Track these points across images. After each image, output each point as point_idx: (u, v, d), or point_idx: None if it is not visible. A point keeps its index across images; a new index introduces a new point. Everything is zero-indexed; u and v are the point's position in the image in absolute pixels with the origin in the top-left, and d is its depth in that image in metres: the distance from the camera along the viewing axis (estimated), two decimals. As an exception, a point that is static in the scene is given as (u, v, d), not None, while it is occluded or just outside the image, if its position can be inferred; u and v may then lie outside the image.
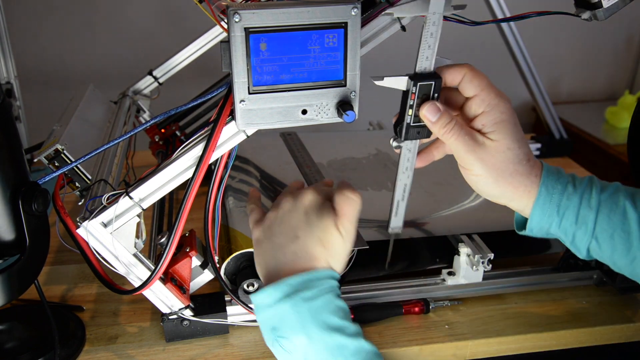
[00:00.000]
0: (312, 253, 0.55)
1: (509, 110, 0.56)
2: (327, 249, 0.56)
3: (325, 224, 0.56)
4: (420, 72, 0.55)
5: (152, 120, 0.59)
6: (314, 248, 0.56)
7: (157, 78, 0.94)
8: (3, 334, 0.66)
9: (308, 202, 0.58)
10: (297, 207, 0.58)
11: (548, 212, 0.56)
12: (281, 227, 0.58)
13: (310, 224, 0.56)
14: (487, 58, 1.71)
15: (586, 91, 1.95)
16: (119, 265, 0.60)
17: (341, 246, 0.56)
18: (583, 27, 1.78)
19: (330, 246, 0.56)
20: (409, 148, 0.60)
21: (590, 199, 0.55)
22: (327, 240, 0.56)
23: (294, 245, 0.56)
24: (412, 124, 0.57)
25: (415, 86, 0.54)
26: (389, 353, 0.66)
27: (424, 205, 0.81)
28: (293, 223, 0.57)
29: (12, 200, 0.53)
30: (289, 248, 0.56)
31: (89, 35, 1.58)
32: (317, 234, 0.56)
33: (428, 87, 0.55)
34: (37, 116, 1.19)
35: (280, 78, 0.51)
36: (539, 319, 0.71)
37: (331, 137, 1.04)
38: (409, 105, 0.56)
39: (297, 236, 0.56)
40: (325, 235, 0.56)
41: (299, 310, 0.52)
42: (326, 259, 0.56)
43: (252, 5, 0.49)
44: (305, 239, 0.56)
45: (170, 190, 0.58)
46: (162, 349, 0.66)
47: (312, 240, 0.56)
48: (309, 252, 0.55)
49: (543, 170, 0.57)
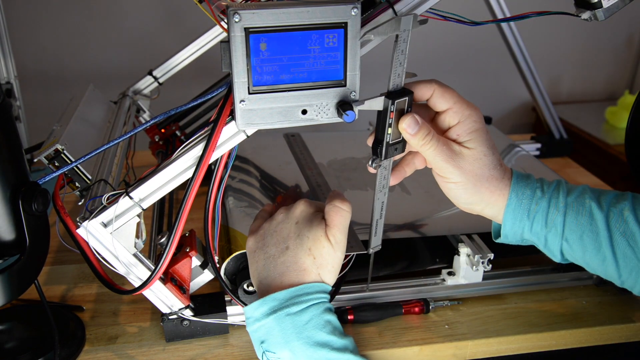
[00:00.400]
0: (302, 265, 0.57)
1: (480, 119, 0.57)
2: (317, 259, 0.57)
3: (316, 234, 0.57)
4: (393, 89, 0.55)
5: (152, 120, 0.59)
6: (304, 259, 0.57)
7: (157, 78, 0.94)
8: (3, 334, 0.66)
9: (299, 212, 0.60)
10: (289, 218, 0.60)
11: (519, 217, 0.58)
12: (273, 238, 0.60)
13: (300, 235, 0.58)
14: (487, 58, 1.71)
15: (586, 91, 1.95)
16: (119, 265, 0.60)
17: (332, 256, 0.57)
18: (583, 27, 1.79)
19: (321, 257, 0.57)
20: (385, 166, 0.59)
21: (558, 202, 0.57)
22: (318, 251, 0.57)
23: (284, 257, 0.58)
24: (391, 142, 0.57)
25: (393, 104, 0.54)
26: (389, 353, 0.66)
27: (424, 205, 0.81)
28: (284, 234, 0.59)
29: (12, 200, 0.53)
30: (279, 259, 0.58)
31: (89, 35, 1.58)
32: (307, 245, 0.57)
33: (403, 103, 0.55)
34: (37, 116, 1.19)
35: (280, 78, 0.51)
36: (539, 319, 0.71)
37: (331, 137, 1.04)
38: (388, 123, 0.55)
39: (288, 247, 0.58)
40: (315, 245, 0.57)
41: (283, 326, 0.54)
42: (317, 271, 0.57)
43: (252, 5, 0.49)
44: (295, 249, 0.57)
45: (170, 190, 0.58)
46: (162, 349, 0.66)
47: (302, 251, 0.57)
48: (299, 263, 0.57)
49: (513, 176, 0.59)
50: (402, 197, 0.83)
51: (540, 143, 1.18)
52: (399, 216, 0.77)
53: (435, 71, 1.71)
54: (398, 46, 0.53)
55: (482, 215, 0.60)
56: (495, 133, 1.08)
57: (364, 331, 0.68)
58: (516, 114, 1.88)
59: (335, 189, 0.74)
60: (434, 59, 1.70)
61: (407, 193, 0.84)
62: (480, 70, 1.75)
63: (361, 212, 0.78)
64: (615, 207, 0.56)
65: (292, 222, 0.59)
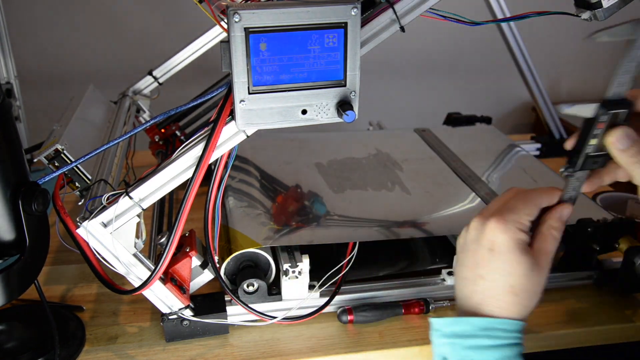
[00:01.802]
0: (502, 301, 0.51)
1: None
2: (520, 295, 0.51)
3: (522, 270, 0.51)
4: (611, 98, 0.49)
5: (152, 120, 0.59)
6: (505, 297, 0.51)
7: (157, 78, 0.94)
8: (3, 334, 0.66)
9: (495, 239, 0.51)
10: (481, 241, 0.52)
11: None
12: (467, 257, 0.54)
13: (498, 269, 0.51)
14: (487, 58, 1.71)
15: (586, 91, 1.95)
16: (119, 265, 0.60)
17: (538, 288, 0.52)
18: (583, 27, 1.78)
19: (524, 292, 0.51)
20: (578, 177, 0.54)
21: None
22: (521, 287, 0.51)
23: (478, 287, 0.52)
24: (592, 154, 0.52)
25: (606, 115, 0.49)
26: (389, 353, 0.66)
27: (424, 205, 0.81)
28: (477, 257, 0.52)
29: (12, 200, 0.53)
30: (473, 287, 0.53)
31: (89, 35, 1.57)
32: (509, 282, 0.51)
33: (621, 115, 0.49)
34: (37, 116, 1.19)
35: (280, 78, 0.51)
36: (539, 319, 0.71)
37: (331, 137, 1.04)
38: (593, 134, 0.50)
39: (482, 277, 0.52)
40: (519, 282, 0.51)
41: (470, 355, 0.51)
42: (518, 308, 0.52)
43: (252, 5, 0.49)
44: (492, 283, 0.51)
45: (170, 190, 0.58)
46: (162, 349, 0.66)
47: (501, 287, 0.51)
48: (497, 298, 0.51)
49: None
50: (402, 197, 0.83)
51: (540, 143, 1.18)
52: (399, 216, 0.77)
53: (436, 71, 1.71)
54: (632, 52, 0.48)
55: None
56: (495, 133, 1.08)
57: (364, 331, 0.68)
58: (516, 114, 1.88)
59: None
60: (434, 59, 1.70)
61: (407, 193, 0.84)
62: (480, 70, 1.75)
63: (361, 212, 0.78)
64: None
65: (484, 247, 0.52)
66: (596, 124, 0.49)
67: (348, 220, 0.76)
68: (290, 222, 0.74)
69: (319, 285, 0.68)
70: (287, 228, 0.72)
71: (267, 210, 0.77)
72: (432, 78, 1.70)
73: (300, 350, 0.66)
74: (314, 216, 0.76)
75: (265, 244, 0.67)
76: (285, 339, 0.67)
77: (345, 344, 0.67)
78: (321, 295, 0.69)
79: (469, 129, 1.11)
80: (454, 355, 0.51)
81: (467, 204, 0.82)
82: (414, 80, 1.68)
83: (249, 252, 0.68)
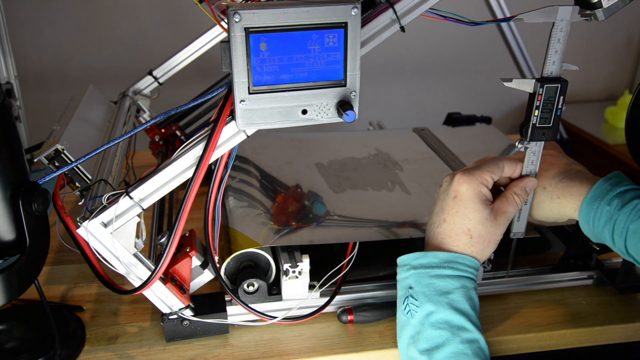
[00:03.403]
0: (458, 240, 0.60)
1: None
2: (475, 238, 0.60)
3: (479, 217, 0.60)
4: (546, 75, 0.58)
5: (152, 120, 0.59)
6: (461, 237, 0.60)
7: (157, 78, 0.94)
8: (3, 334, 0.66)
9: (459, 188, 0.61)
10: (449, 191, 0.62)
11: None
12: (436, 205, 0.63)
13: (459, 212, 0.60)
14: (487, 58, 1.71)
15: (586, 91, 1.95)
16: (119, 265, 0.60)
17: (492, 235, 0.61)
18: (583, 27, 1.78)
19: (479, 236, 0.60)
20: (534, 151, 0.62)
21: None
22: (477, 232, 0.60)
23: (441, 228, 0.61)
24: (538, 125, 0.60)
25: (542, 88, 0.58)
26: (389, 353, 0.66)
27: (424, 205, 0.81)
28: (444, 205, 0.62)
29: (12, 200, 0.53)
30: (437, 229, 0.62)
31: (89, 35, 1.57)
32: (467, 225, 0.60)
33: (554, 89, 0.58)
34: (37, 116, 1.19)
35: (280, 78, 0.51)
36: (539, 319, 0.71)
37: (331, 137, 1.04)
38: (535, 106, 0.59)
39: (445, 220, 0.61)
40: (476, 227, 0.60)
41: (434, 282, 0.58)
42: (471, 248, 0.60)
43: (252, 5, 0.49)
44: (452, 225, 0.61)
45: (170, 190, 0.58)
46: (162, 349, 0.66)
47: (459, 229, 0.60)
48: (454, 238, 0.61)
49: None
50: (402, 197, 0.83)
51: (540, 143, 1.18)
52: (399, 216, 0.77)
53: (436, 71, 1.71)
54: (554, 34, 0.56)
55: None
56: (495, 133, 1.08)
57: (364, 331, 0.68)
58: (516, 114, 1.88)
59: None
60: (434, 59, 1.70)
61: (407, 193, 0.84)
62: (480, 70, 1.75)
63: (361, 211, 0.78)
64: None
65: (450, 196, 0.61)
66: (537, 97, 0.59)
67: (348, 220, 0.77)
68: (290, 222, 0.74)
69: (319, 285, 0.68)
70: (287, 228, 0.72)
71: (267, 210, 0.77)
72: (432, 78, 1.70)
73: (300, 350, 0.66)
74: (314, 216, 0.76)
75: (265, 244, 0.67)
76: (286, 339, 0.67)
77: (345, 344, 0.67)
78: (321, 295, 0.69)
79: (468, 129, 1.11)
80: (418, 283, 0.59)
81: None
82: (414, 80, 1.68)
83: (249, 252, 0.68)
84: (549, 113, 0.60)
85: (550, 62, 0.58)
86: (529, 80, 0.59)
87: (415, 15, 0.56)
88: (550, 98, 0.59)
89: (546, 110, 0.59)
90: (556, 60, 0.58)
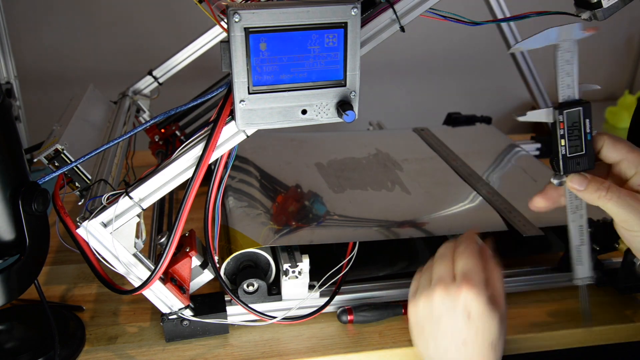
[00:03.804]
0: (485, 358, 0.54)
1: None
2: (497, 348, 0.55)
3: (496, 324, 0.54)
4: (564, 101, 0.54)
5: (152, 120, 0.59)
6: (488, 355, 0.54)
7: (157, 78, 0.94)
8: (3, 334, 0.66)
9: (473, 306, 0.54)
10: (457, 312, 0.55)
11: None
12: (440, 328, 0.56)
13: (479, 332, 0.54)
14: (487, 58, 1.71)
15: (586, 91, 1.95)
16: (119, 265, 0.60)
17: (504, 328, 0.55)
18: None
19: (499, 340, 0.55)
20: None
21: None
22: (498, 338, 0.54)
23: (462, 353, 0.54)
24: (569, 155, 0.56)
25: (561, 114, 0.54)
26: (389, 353, 0.66)
27: (424, 205, 0.81)
28: (457, 327, 0.55)
29: (12, 200, 0.53)
30: (458, 354, 0.55)
31: (89, 35, 1.58)
32: (490, 340, 0.54)
33: (576, 113, 0.54)
34: (37, 116, 1.19)
35: (280, 78, 0.51)
36: (539, 319, 0.71)
37: (331, 137, 1.04)
38: (560, 135, 0.55)
39: (465, 342, 0.54)
40: (496, 335, 0.54)
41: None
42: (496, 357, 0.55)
43: (252, 5, 0.49)
44: (474, 346, 0.54)
45: (170, 190, 0.58)
46: (162, 349, 0.66)
47: (484, 348, 0.54)
48: (481, 359, 0.54)
49: None
50: (402, 197, 0.83)
51: (540, 143, 1.18)
52: (399, 216, 0.77)
53: (436, 71, 1.71)
54: (560, 56, 0.52)
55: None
56: (495, 133, 1.08)
57: (364, 331, 0.68)
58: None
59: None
60: (434, 59, 1.70)
61: (407, 193, 0.84)
62: (480, 70, 1.75)
63: (361, 211, 0.78)
64: None
65: (462, 316, 0.54)
66: (558, 125, 0.54)
67: (348, 220, 0.76)
68: (290, 222, 0.74)
69: (319, 285, 0.68)
70: (287, 228, 0.72)
71: (267, 210, 0.77)
72: (432, 78, 1.70)
73: (300, 350, 0.66)
74: (314, 216, 0.76)
75: (265, 244, 0.67)
76: (285, 339, 0.67)
77: (345, 344, 0.67)
78: (321, 295, 0.69)
79: (468, 128, 1.11)
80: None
81: (468, 204, 0.82)
82: (414, 80, 1.68)
83: (249, 252, 0.68)
84: (578, 140, 0.55)
85: (564, 86, 0.54)
86: (546, 110, 0.54)
87: (415, 15, 0.56)
88: (575, 124, 0.54)
89: (574, 137, 0.55)
90: (570, 82, 0.54)
